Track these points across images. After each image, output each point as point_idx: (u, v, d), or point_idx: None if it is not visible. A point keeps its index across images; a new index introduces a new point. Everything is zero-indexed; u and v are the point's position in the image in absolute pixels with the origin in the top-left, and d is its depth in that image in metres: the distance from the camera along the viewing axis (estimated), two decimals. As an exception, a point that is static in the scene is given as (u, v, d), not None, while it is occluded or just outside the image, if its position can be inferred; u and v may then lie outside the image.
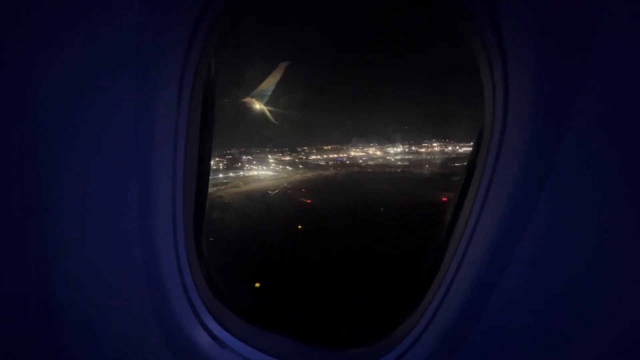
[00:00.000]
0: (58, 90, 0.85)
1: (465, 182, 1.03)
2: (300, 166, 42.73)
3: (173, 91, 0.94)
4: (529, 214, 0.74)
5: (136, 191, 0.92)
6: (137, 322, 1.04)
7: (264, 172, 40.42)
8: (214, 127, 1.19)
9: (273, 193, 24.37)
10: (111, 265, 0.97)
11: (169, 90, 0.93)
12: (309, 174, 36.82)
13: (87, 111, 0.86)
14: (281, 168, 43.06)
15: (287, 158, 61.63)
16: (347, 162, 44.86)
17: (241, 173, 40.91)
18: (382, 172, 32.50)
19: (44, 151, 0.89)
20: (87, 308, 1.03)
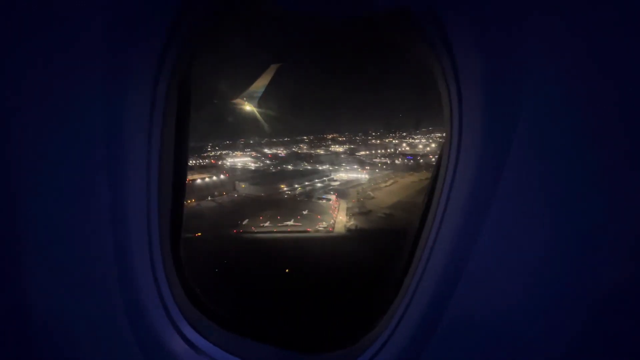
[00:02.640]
0: (27, 96, 0.85)
1: (429, 197, 1.12)
2: (383, 167, 41.54)
3: (146, 97, 0.95)
4: (482, 226, 0.82)
5: (108, 199, 0.93)
6: (111, 331, 1.06)
7: (353, 175, 38.60)
8: (189, 132, 1.20)
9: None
10: (84, 275, 0.99)
11: (141, 96, 0.94)
12: (414, 178, 35.83)
13: (57, 118, 0.87)
14: (357, 167, 41.41)
15: (321, 152, 59.03)
16: (421, 160, 44.82)
17: (333, 176, 38.09)
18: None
19: (12, 161, 0.89)
20: (59, 315, 1.04)
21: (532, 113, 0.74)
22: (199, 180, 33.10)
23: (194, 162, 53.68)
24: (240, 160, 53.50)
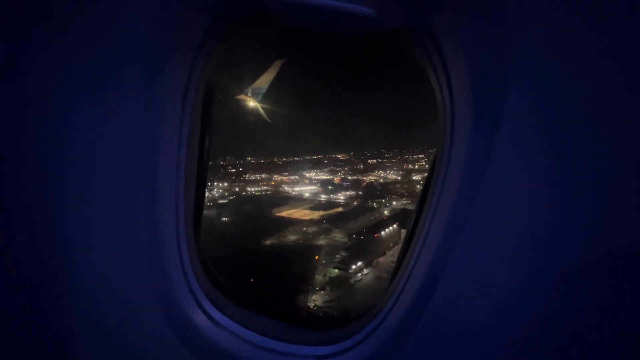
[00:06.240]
0: (69, 88, 0.92)
1: (424, 192, 1.25)
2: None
3: (179, 94, 1.06)
4: (468, 222, 0.88)
5: (142, 186, 1.02)
6: (141, 305, 1.16)
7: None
8: (213, 126, 1.36)
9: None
10: (119, 256, 1.09)
11: (175, 93, 1.05)
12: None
13: (96, 110, 0.94)
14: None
15: (379, 180, 54.87)
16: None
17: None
18: None
19: (54, 146, 0.96)
20: (97, 296, 1.13)
21: (516, 119, 0.78)
22: (382, 233, 26.84)
23: (255, 189, 44.89)
24: (305, 189, 46.72)
